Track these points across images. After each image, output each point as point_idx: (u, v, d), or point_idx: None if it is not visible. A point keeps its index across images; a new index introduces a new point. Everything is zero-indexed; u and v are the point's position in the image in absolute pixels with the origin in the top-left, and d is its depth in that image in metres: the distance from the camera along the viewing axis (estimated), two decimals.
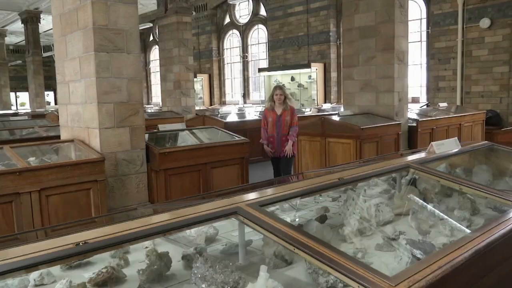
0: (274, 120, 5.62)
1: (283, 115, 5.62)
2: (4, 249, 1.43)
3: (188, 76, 11.47)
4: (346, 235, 2.15)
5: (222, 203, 1.85)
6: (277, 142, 5.62)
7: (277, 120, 5.61)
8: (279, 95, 5.57)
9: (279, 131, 5.60)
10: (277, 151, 5.62)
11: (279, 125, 5.60)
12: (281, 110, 5.62)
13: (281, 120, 5.61)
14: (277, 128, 5.61)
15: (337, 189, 2.65)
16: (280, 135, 5.61)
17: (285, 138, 5.60)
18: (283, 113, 5.62)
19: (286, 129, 5.60)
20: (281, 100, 5.57)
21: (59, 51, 4.93)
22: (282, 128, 5.59)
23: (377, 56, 7.04)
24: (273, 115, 5.64)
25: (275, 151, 5.63)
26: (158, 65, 15.61)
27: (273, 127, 5.63)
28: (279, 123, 5.60)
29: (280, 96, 5.57)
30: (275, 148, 5.64)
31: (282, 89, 5.67)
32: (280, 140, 5.62)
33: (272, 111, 5.65)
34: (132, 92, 4.60)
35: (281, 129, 5.59)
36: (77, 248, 1.36)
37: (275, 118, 5.62)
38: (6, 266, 1.28)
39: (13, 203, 3.90)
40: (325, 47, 14.73)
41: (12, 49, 26.15)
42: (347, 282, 1.49)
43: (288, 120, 5.60)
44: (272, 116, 5.64)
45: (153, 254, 1.75)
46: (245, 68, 19.19)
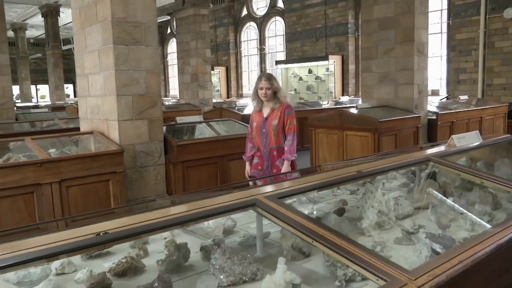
0: (258, 125, 3.88)
1: (270, 117, 3.82)
2: (26, 238, 1.46)
3: (205, 69, 11.50)
4: (364, 228, 2.13)
5: (240, 195, 1.85)
6: (265, 159, 3.87)
7: (261, 125, 3.85)
8: (265, 89, 3.77)
9: (266, 141, 3.84)
10: (266, 172, 3.88)
11: (264, 132, 3.83)
12: (269, 110, 3.85)
13: (266, 125, 3.82)
14: (262, 137, 3.86)
15: (355, 182, 2.63)
16: (268, 148, 3.84)
17: (277, 153, 3.82)
18: (270, 114, 3.83)
19: (275, 138, 3.81)
20: (268, 95, 3.79)
21: (79, 44, 4.98)
22: (269, 136, 3.81)
23: (396, 48, 6.95)
24: (258, 118, 3.90)
25: (262, 173, 3.90)
26: (175, 58, 15.68)
27: (257, 135, 3.90)
28: (264, 129, 3.83)
29: (266, 91, 3.77)
30: (262, 169, 3.90)
31: (270, 79, 3.82)
32: (269, 155, 3.85)
33: (258, 112, 3.92)
34: (150, 84, 4.63)
35: (268, 139, 3.82)
36: (98, 238, 1.38)
37: (259, 122, 3.88)
38: (28, 255, 1.30)
39: (34, 193, 3.97)
40: (343, 39, 14.59)
41: (32, 42, 26.52)
42: (365, 275, 1.48)
43: (277, 124, 3.79)
44: (257, 120, 3.91)
45: (172, 245, 1.76)
46: (262, 61, 19.14)
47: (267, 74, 3.98)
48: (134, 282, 1.61)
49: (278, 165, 3.81)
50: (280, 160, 3.81)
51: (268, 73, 4.05)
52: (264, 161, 3.88)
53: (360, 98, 9.60)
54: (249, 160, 4.00)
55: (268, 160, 3.86)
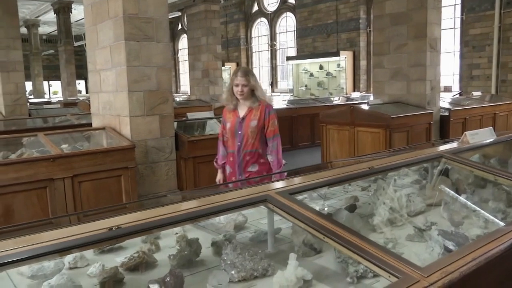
0: (233, 126, 3.39)
1: (248, 117, 3.35)
2: (39, 232, 1.47)
3: (216, 65, 11.51)
4: (376, 225, 2.12)
5: (252, 190, 1.86)
6: (237, 165, 3.39)
7: (237, 126, 3.38)
8: (241, 85, 3.30)
9: (240, 144, 3.36)
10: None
11: (240, 135, 3.36)
12: (246, 110, 3.38)
13: (243, 127, 3.35)
14: (236, 140, 3.38)
15: (367, 178, 2.62)
16: (243, 153, 3.37)
17: (250, 158, 3.35)
18: (248, 114, 3.36)
19: (252, 141, 3.33)
20: (245, 93, 3.31)
21: (90, 40, 5.01)
22: (245, 139, 3.34)
23: (409, 44, 6.88)
24: (233, 118, 3.41)
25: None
26: (186, 54, 15.70)
27: (231, 138, 3.43)
28: (240, 131, 3.36)
29: (242, 88, 3.30)
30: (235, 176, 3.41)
31: (247, 74, 3.32)
32: (242, 160, 3.37)
33: (233, 111, 3.43)
34: (161, 80, 4.64)
35: (243, 142, 3.35)
36: (110, 232, 1.39)
37: (234, 123, 3.39)
38: (42, 249, 1.32)
39: (47, 188, 4.01)
40: (355, 34, 14.50)
41: (45, 39, 26.73)
42: (377, 272, 1.47)
43: (256, 125, 3.32)
44: (231, 120, 3.42)
45: (184, 240, 1.77)
46: (273, 57, 19.11)
47: (243, 68, 3.49)
48: (146, 277, 1.62)
49: (250, 171, 3.36)
50: (253, 166, 3.36)
51: (245, 68, 3.65)
52: (236, 168, 3.39)
53: (371, 94, 9.55)
54: (221, 167, 3.58)
55: (240, 167, 3.37)
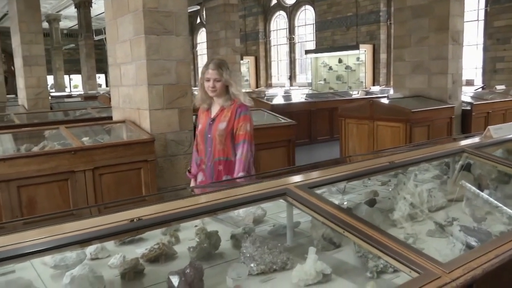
0: (203, 128, 3.02)
1: (218, 118, 2.96)
2: (61, 223, 1.49)
3: (234, 59, 11.52)
4: (396, 219, 2.10)
5: (271, 184, 1.85)
6: (209, 177, 3.01)
7: (207, 129, 2.99)
8: (213, 80, 2.87)
9: (210, 150, 2.97)
10: None
11: (210, 138, 2.97)
12: (218, 109, 2.99)
13: (212, 129, 2.96)
14: (206, 145, 3.00)
15: (387, 173, 2.59)
16: (213, 161, 2.97)
17: (223, 168, 2.95)
18: (218, 115, 2.97)
19: (221, 146, 2.93)
20: (217, 89, 2.89)
21: (111, 34, 5.06)
22: (214, 144, 2.95)
23: (430, 37, 6.77)
24: (205, 119, 3.04)
25: None
26: (205, 48, 15.74)
27: (201, 142, 3.06)
28: (210, 134, 2.97)
29: (214, 83, 2.88)
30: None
31: (220, 67, 2.88)
32: (213, 171, 2.98)
33: (206, 111, 3.06)
34: (180, 74, 4.66)
35: (212, 147, 2.95)
36: (132, 224, 1.40)
37: (204, 125, 3.02)
38: (64, 240, 1.34)
39: (68, 180, 4.08)
40: (375, 27, 14.33)
41: (66, 33, 27.10)
42: (398, 267, 1.46)
43: (225, 128, 2.92)
44: (203, 121, 3.05)
45: (203, 232, 1.78)
46: (292, 50, 19.02)
47: (216, 60, 2.95)
48: (166, 268, 1.64)
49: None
50: (227, 178, 2.93)
51: (218, 60, 2.98)
52: (208, 178, 2.99)
53: (391, 88, 9.43)
54: (194, 177, 3.17)
55: (212, 178, 2.96)
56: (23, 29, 9.27)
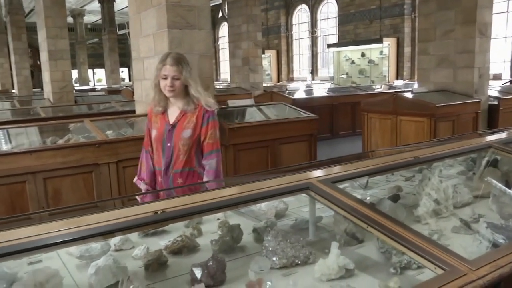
0: (160, 135, 2.63)
1: (180, 124, 2.58)
2: (86, 215, 1.52)
3: (256, 53, 11.48)
4: (420, 215, 2.07)
5: (293, 178, 1.85)
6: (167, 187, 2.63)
7: (165, 136, 2.61)
8: (171, 78, 2.50)
9: (169, 162, 2.61)
10: None
11: (169, 147, 2.60)
12: (178, 113, 2.60)
13: (173, 137, 2.59)
14: (164, 155, 2.62)
15: (411, 168, 2.56)
16: (172, 173, 2.62)
17: (183, 182, 2.61)
18: (180, 120, 2.58)
19: (185, 157, 2.59)
20: (176, 89, 2.52)
21: (134, 28, 5.10)
22: (175, 154, 2.59)
23: (456, 29, 6.62)
24: (161, 124, 2.64)
25: None
26: (226, 42, 15.76)
27: (157, 151, 2.67)
28: (170, 143, 2.60)
29: (173, 81, 2.50)
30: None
31: (179, 63, 2.50)
32: (171, 183, 2.62)
33: (161, 114, 2.65)
34: (203, 68, 4.67)
35: (173, 158, 2.60)
36: (156, 216, 1.42)
37: (161, 131, 2.62)
38: (90, 231, 1.36)
39: (93, 173, 4.15)
40: (399, 20, 14.10)
41: (90, 27, 27.51)
42: (422, 263, 1.43)
43: (190, 136, 2.57)
44: (158, 127, 2.65)
45: (225, 225, 1.79)
46: (314, 44, 18.89)
47: (174, 55, 2.55)
48: (188, 260, 1.65)
49: None
50: None
51: (177, 54, 2.59)
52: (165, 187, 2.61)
53: (415, 82, 9.29)
54: (145, 185, 2.77)
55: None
56: (49, 24, 9.42)
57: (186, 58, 2.61)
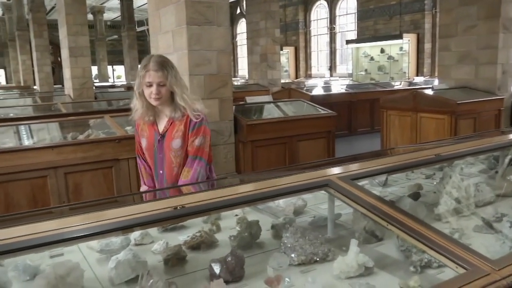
0: (151, 145, 2.49)
1: (169, 134, 2.43)
2: (107, 209, 1.54)
3: (274, 49, 11.44)
4: (441, 214, 2.04)
5: (312, 175, 1.84)
6: None
7: (156, 147, 2.48)
8: (156, 85, 2.30)
9: (163, 174, 2.50)
10: None
11: (161, 158, 2.48)
12: (165, 122, 2.45)
13: (163, 148, 2.45)
14: (156, 167, 2.51)
15: (432, 166, 2.52)
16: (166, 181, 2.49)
17: None
18: (169, 130, 2.44)
19: (178, 170, 2.46)
20: (162, 96, 2.34)
21: (153, 25, 5.13)
22: (168, 166, 2.46)
23: (479, 25, 6.49)
24: (150, 133, 2.49)
25: None
26: (244, 38, 15.76)
27: (151, 162, 2.54)
28: (161, 153, 2.47)
29: (158, 89, 2.31)
30: None
31: (163, 67, 2.30)
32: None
33: (151, 125, 2.49)
34: (221, 64, 4.68)
35: (166, 171, 2.47)
36: (176, 211, 1.43)
37: (152, 141, 2.48)
38: (112, 225, 1.38)
39: (113, 168, 4.20)
40: (419, 16, 13.90)
41: (109, 24, 27.77)
42: (444, 262, 1.41)
43: (181, 146, 2.43)
44: (148, 136, 2.50)
45: (244, 222, 1.79)
46: (332, 40, 18.76)
47: (157, 58, 2.34)
48: (207, 256, 1.66)
49: None
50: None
51: (160, 58, 2.36)
52: None
53: (436, 78, 9.15)
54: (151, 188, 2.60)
55: None
56: (70, 21, 9.54)
57: (170, 61, 2.39)
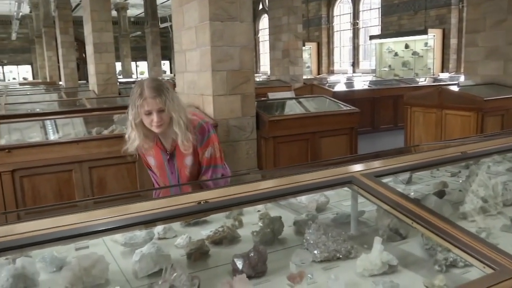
0: (161, 164, 2.41)
1: (179, 153, 2.34)
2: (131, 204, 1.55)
3: (296, 45, 11.37)
4: (467, 212, 2.00)
5: (336, 171, 1.82)
6: None
7: (166, 166, 2.40)
8: (156, 112, 2.14)
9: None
10: None
11: (174, 176, 2.42)
12: (171, 141, 2.33)
13: (175, 168, 2.39)
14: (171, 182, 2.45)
15: (458, 163, 2.47)
16: None
17: None
18: (177, 149, 2.33)
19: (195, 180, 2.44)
20: (164, 122, 2.19)
21: (177, 21, 5.17)
22: (183, 180, 2.41)
23: (508, 19, 6.32)
24: (157, 153, 2.39)
25: None
26: (266, 34, 15.72)
27: (164, 180, 2.46)
28: (173, 172, 2.41)
29: (159, 116, 2.15)
30: None
31: (161, 91, 2.15)
32: None
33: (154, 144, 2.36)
34: (244, 60, 4.69)
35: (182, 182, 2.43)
36: (199, 206, 1.44)
37: (161, 161, 2.40)
38: (136, 219, 1.40)
39: (136, 163, 4.25)
40: (445, 11, 13.62)
41: (133, 21, 28.07)
42: (470, 262, 1.38)
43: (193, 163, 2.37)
44: (156, 155, 2.40)
45: (267, 217, 1.79)
46: (355, 36, 18.55)
47: (152, 83, 2.18)
48: (230, 251, 1.67)
49: None
50: None
51: (155, 82, 2.20)
52: None
53: (462, 75, 8.97)
54: None
55: None
56: (94, 18, 9.67)
57: (164, 83, 2.23)
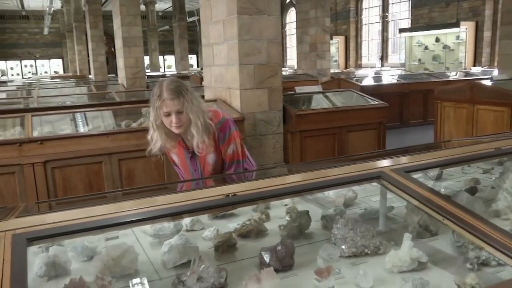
0: (184, 162, 2.46)
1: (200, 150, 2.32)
2: (159, 195, 1.57)
3: (324, 38, 11.25)
4: (500, 210, 1.95)
5: (364, 166, 1.80)
6: None
7: (190, 166, 2.45)
8: (175, 114, 2.15)
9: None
10: None
11: (198, 173, 2.46)
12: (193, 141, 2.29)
13: (198, 166, 2.44)
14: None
15: (491, 160, 2.41)
16: None
17: None
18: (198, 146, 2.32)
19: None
20: (184, 123, 2.18)
21: (204, 15, 5.18)
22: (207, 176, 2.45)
23: None
24: (180, 150, 2.43)
25: None
26: (293, 28, 15.62)
27: (187, 175, 2.52)
28: (196, 169, 2.45)
29: (178, 117, 2.15)
30: None
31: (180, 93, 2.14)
32: None
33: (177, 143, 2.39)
34: (271, 54, 4.67)
35: None
36: (227, 199, 1.44)
37: (184, 158, 2.45)
38: (162, 211, 1.41)
39: (164, 156, 4.29)
40: (479, 3, 13.23)
41: (160, 15, 28.29)
42: (504, 261, 1.35)
43: (216, 160, 2.39)
44: (179, 153, 2.45)
45: (294, 211, 1.78)
46: (384, 29, 18.24)
47: (170, 85, 2.16)
48: (257, 244, 1.67)
49: None
50: None
51: (173, 84, 2.18)
52: None
53: (495, 69, 8.72)
54: None
55: None
56: (123, 12, 9.80)
57: (183, 84, 2.22)
